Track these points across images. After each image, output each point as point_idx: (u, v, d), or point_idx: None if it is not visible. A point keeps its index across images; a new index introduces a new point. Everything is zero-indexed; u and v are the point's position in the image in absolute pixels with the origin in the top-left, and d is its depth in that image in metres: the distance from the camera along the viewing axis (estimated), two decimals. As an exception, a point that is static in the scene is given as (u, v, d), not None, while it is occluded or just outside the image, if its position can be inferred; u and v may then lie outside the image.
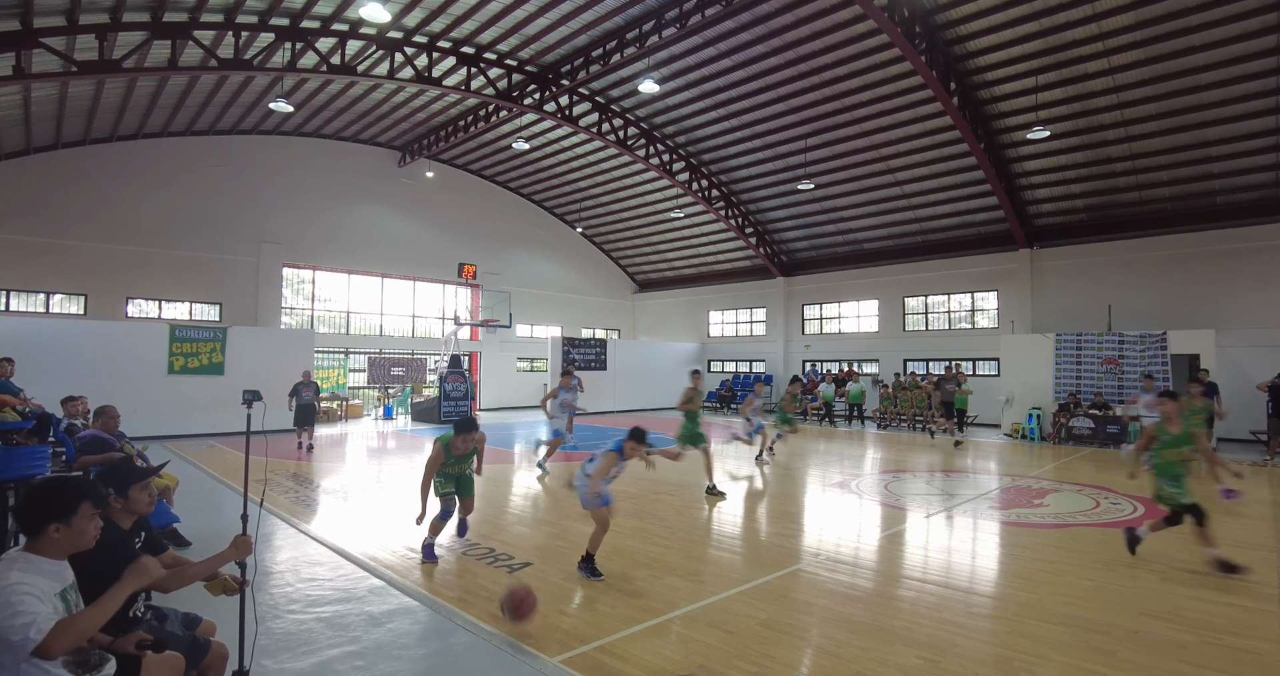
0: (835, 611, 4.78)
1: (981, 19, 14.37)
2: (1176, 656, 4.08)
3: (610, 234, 29.24)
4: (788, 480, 10.55)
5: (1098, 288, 18.35)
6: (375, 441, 15.68)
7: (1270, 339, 15.75)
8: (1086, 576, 5.67)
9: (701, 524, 7.57)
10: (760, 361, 26.68)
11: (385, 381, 22.52)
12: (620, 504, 8.35)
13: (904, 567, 5.97)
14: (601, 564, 5.74)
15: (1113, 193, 17.93)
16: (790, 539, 6.92)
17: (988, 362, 20.24)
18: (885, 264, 22.98)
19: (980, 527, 7.49)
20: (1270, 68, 13.63)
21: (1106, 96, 15.39)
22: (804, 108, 18.36)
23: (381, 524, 7.36)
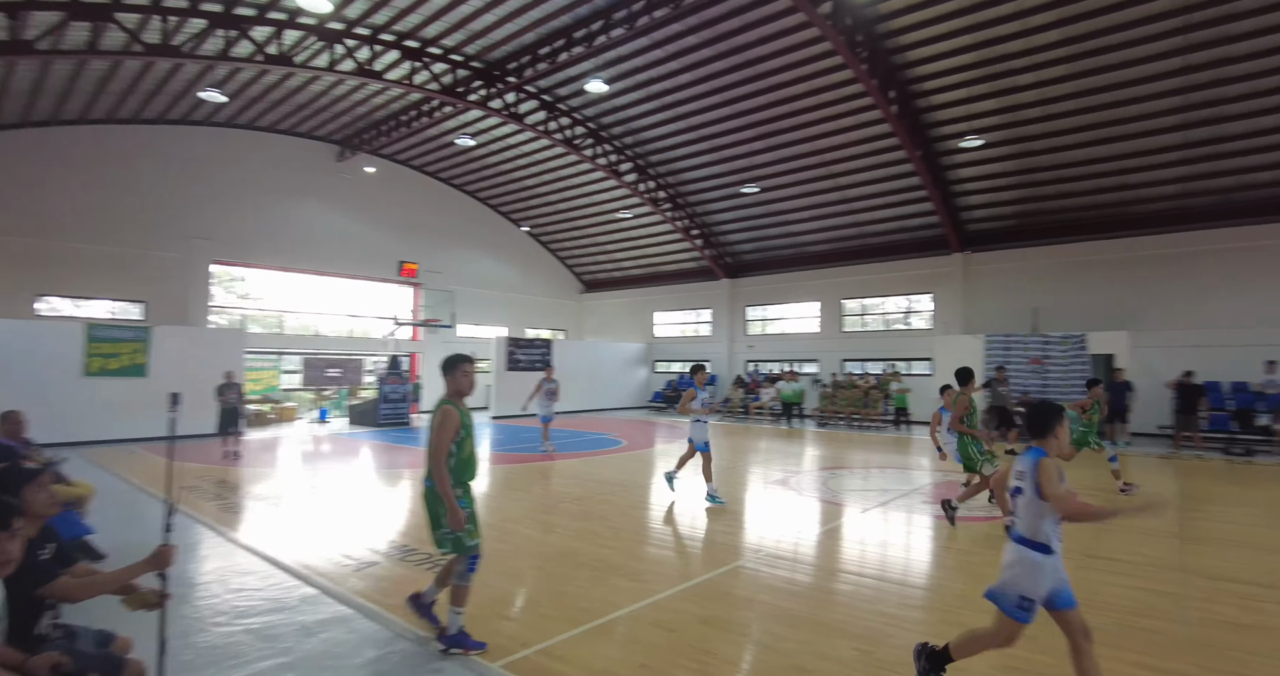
0: (775, 606, 4.87)
1: (920, 31, 14.87)
2: (1096, 640, 4.31)
3: (557, 234, 29.07)
4: (730, 478, 10.69)
5: (1025, 290, 19.24)
6: (310, 445, 15.17)
7: (1177, 340, 16.80)
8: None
9: (646, 524, 7.60)
10: (705, 361, 26.91)
11: (321, 383, 21.84)
12: (566, 506, 8.34)
13: (841, 562, 6.14)
14: (545, 567, 5.72)
15: (1039, 200, 18.82)
16: (732, 536, 7.02)
17: (922, 362, 20.96)
18: (826, 266, 23.55)
19: (914, 521, 7.75)
20: (1177, 87, 14.55)
21: (1034, 108, 16.14)
22: (750, 112, 18.64)
23: (316, 531, 7.13)
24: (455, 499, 4.10)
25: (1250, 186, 16.30)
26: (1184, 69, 14.16)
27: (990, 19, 14.08)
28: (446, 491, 4.07)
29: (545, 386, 13.12)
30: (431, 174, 26.14)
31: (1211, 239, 16.87)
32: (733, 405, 22.29)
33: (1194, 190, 16.89)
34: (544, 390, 13.09)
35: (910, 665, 3.90)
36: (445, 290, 24.35)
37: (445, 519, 4.09)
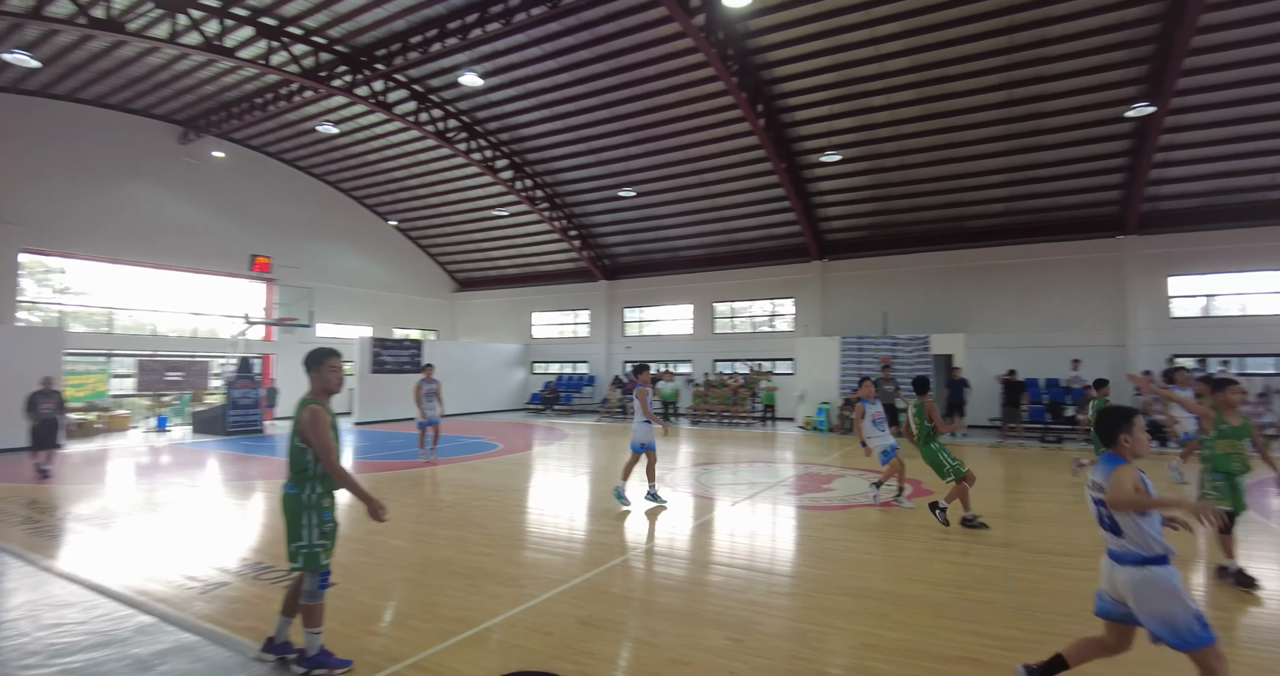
0: (652, 602, 4.98)
1: (785, 49, 15.73)
2: (935, 612, 4.77)
3: (428, 229, 28.02)
4: (608, 478, 10.78)
5: (876, 296, 20.87)
6: (145, 457, 13.67)
7: (1004, 341, 18.91)
8: (866, 550, 6.43)
9: (523, 529, 7.51)
10: (584, 362, 27.02)
11: (159, 388, 19.71)
12: (439, 513, 8.06)
13: (713, 554, 6.37)
14: (415, 578, 5.51)
15: (890, 213, 20.50)
16: (609, 535, 7.09)
17: (785, 362, 22.17)
18: (699, 270, 24.35)
19: (778, 512, 8.19)
20: (1003, 118, 16.39)
21: (886, 128, 17.56)
22: (627, 117, 18.90)
23: (153, 552, 6.44)
24: (325, 510, 3.88)
25: (1060, 207, 18.67)
26: (1008, 102, 15.98)
27: (848, 43, 15.17)
28: (355, 486, 3.84)
29: (425, 388, 12.38)
30: (290, 162, 24.37)
31: (1030, 252, 19.14)
32: (611, 405, 22.48)
33: (1016, 209, 19.10)
34: (424, 392, 12.34)
35: (775, 648, 4.13)
36: (303, 287, 22.76)
37: (305, 530, 3.83)
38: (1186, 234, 17.54)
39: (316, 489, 3.88)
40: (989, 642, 4.22)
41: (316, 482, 3.88)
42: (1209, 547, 6.51)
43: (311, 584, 3.89)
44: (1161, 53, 13.77)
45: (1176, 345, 17.40)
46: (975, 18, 14.02)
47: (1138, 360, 17.44)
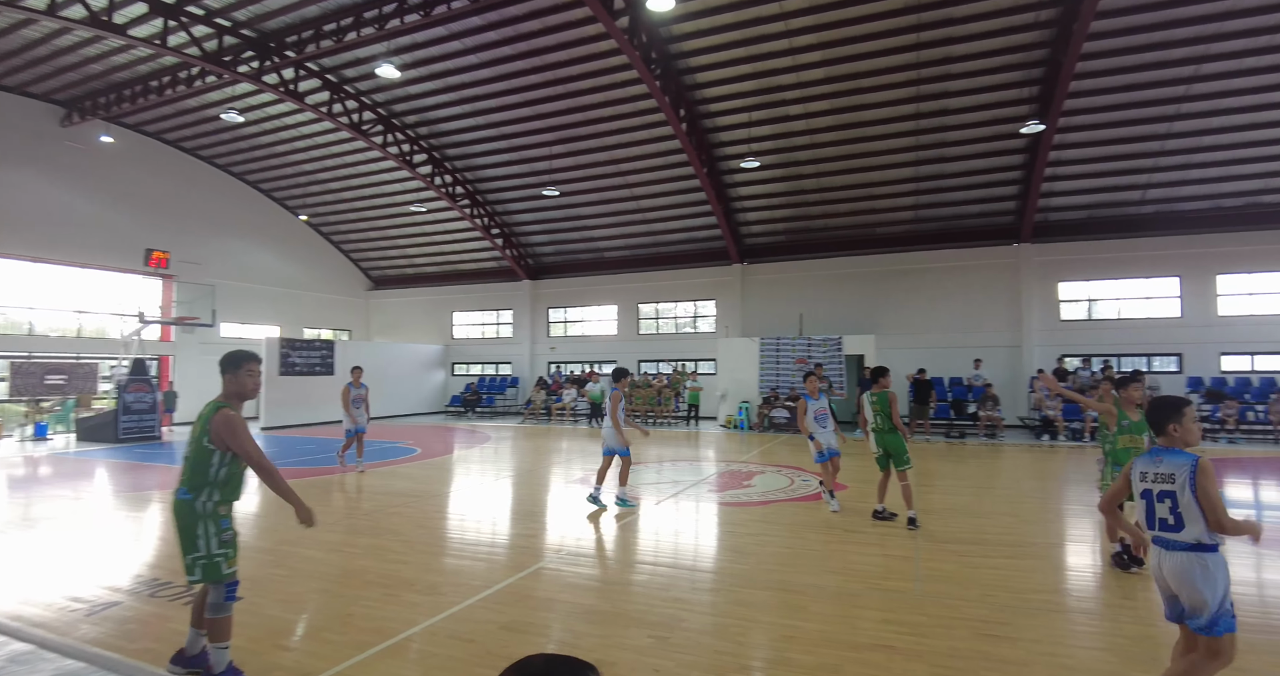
0: (576, 604, 4.96)
1: (707, 55, 16.02)
2: (850, 602, 4.97)
3: (342, 225, 26.92)
4: (532, 480, 10.68)
5: (793, 298, 21.55)
6: (20, 468, 12.52)
7: (912, 342, 19.90)
8: (785, 544, 6.63)
9: (443, 535, 7.33)
10: (507, 363, 26.62)
11: (38, 392, 18.07)
12: (354, 521, 7.77)
13: (638, 554, 6.42)
14: (329, 590, 5.30)
15: (806, 219, 21.21)
16: (533, 538, 7.02)
17: (707, 363, 22.57)
18: (624, 272, 24.45)
19: (701, 510, 8.33)
20: (911, 130, 17.27)
21: (802, 137, 18.16)
22: (550, 116, 18.76)
23: (29, 573, 5.90)
24: (223, 518, 3.67)
25: (963, 216, 19.84)
26: (916, 115, 16.84)
27: (767, 52, 15.60)
28: (288, 490, 3.69)
29: (353, 393, 11.47)
30: (190, 151, 22.88)
31: (936, 258, 20.23)
32: (535, 407, 22.23)
33: (923, 217, 20.16)
34: (352, 397, 11.45)
35: (698, 643, 4.20)
36: (205, 284, 21.41)
37: (201, 540, 3.60)
38: (1073, 243, 18.99)
39: (214, 496, 3.67)
40: (900, 629, 4.44)
41: (215, 489, 3.67)
42: (1100, 536, 7.07)
43: (217, 595, 3.67)
44: (1050, 76, 14.85)
45: (1065, 346, 18.80)
46: (886, 33, 14.71)
47: (1032, 360, 18.73)
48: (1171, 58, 14.51)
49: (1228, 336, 17.64)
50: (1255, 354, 17.44)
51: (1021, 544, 6.66)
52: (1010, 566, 5.88)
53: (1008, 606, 4.86)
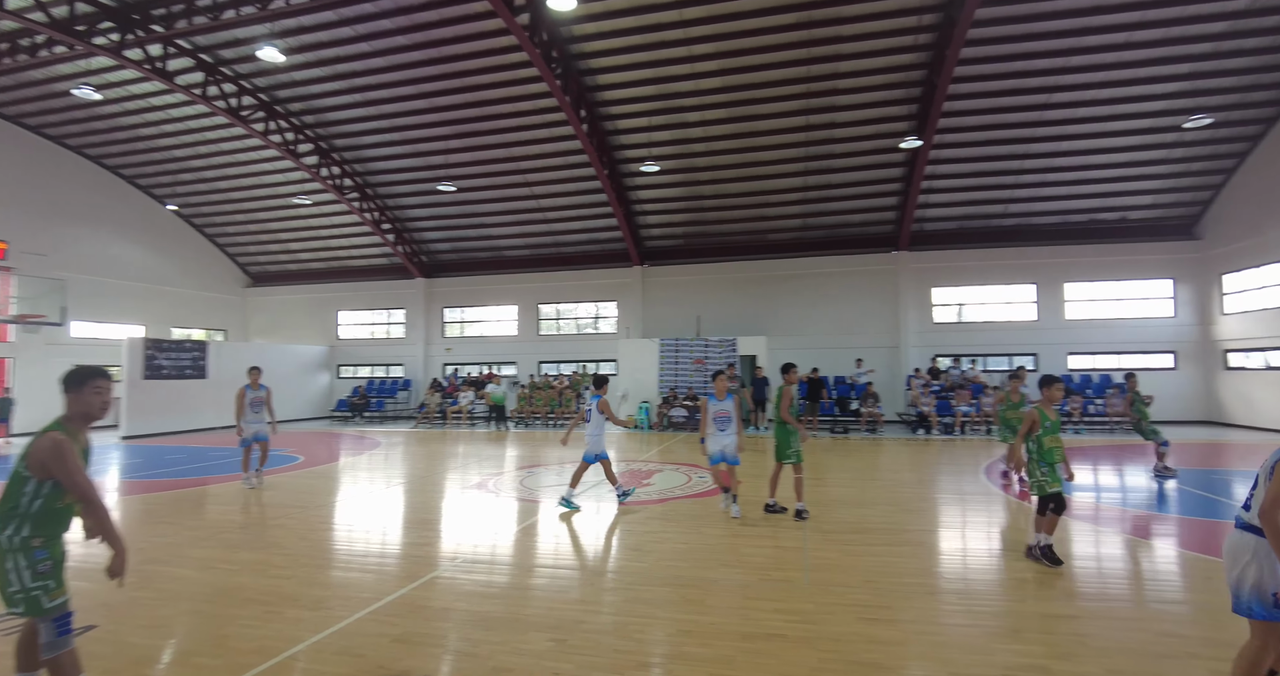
0: (472, 612, 4.85)
1: (609, 57, 16.10)
2: (742, 594, 5.15)
3: (217, 217, 24.99)
4: (426, 487, 10.34)
5: (691, 300, 22.04)
6: None
7: (801, 343, 20.83)
8: (682, 540, 6.77)
9: (329, 547, 6.96)
10: (398, 365, 25.58)
11: None
12: (229, 536, 7.25)
13: (537, 557, 6.36)
14: (201, 610, 4.91)
15: (703, 224, 21.75)
16: (426, 547, 6.80)
17: (608, 364, 22.68)
18: (524, 271, 24.13)
19: (601, 510, 8.36)
20: (800, 141, 18.10)
21: (700, 144, 18.61)
22: (447, 109, 18.25)
23: None
24: (35, 550, 3.16)
25: (848, 225, 21.00)
26: (805, 127, 17.67)
27: (667, 59, 15.88)
28: (111, 529, 3.25)
29: (250, 395, 10.39)
30: (35, 130, 20.54)
31: (822, 264, 21.31)
32: (429, 411, 21.49)
33: (811, 225, 21.17)
34: (249, 401, 10.35)
35: (597, 644, 4.22)
36: (52, 278, 19.28)
37: (13, 574, 3.10)
38: (945, 251, 20.55)
39: (22, 531, 3.15)
40: (790, 618, 4.64)
41: (25, 523, 3.15)
42: (1026, 529, 7.66)
43: (49, 633, 3.18)
44: (926, 96, 15.99)
45: (938, 346, 20.31)
46: (778, 47, 15.36)
47: (908, 360, 20.08)
48: (1028, 86, 16.02)
49: (1074, 338, 19.67)
50: (1095, 353, 19.56)
51: (900, 531, 7.13)
52: (890, 553, 6.29)
53: (888, 590, 5.20)
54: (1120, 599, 5.02)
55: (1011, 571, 5.78)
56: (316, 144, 20.17)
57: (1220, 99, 15.90)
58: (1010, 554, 6.30)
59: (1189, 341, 19.10)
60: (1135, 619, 4.61)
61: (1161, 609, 4.81)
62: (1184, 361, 19.06)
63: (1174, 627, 4.45)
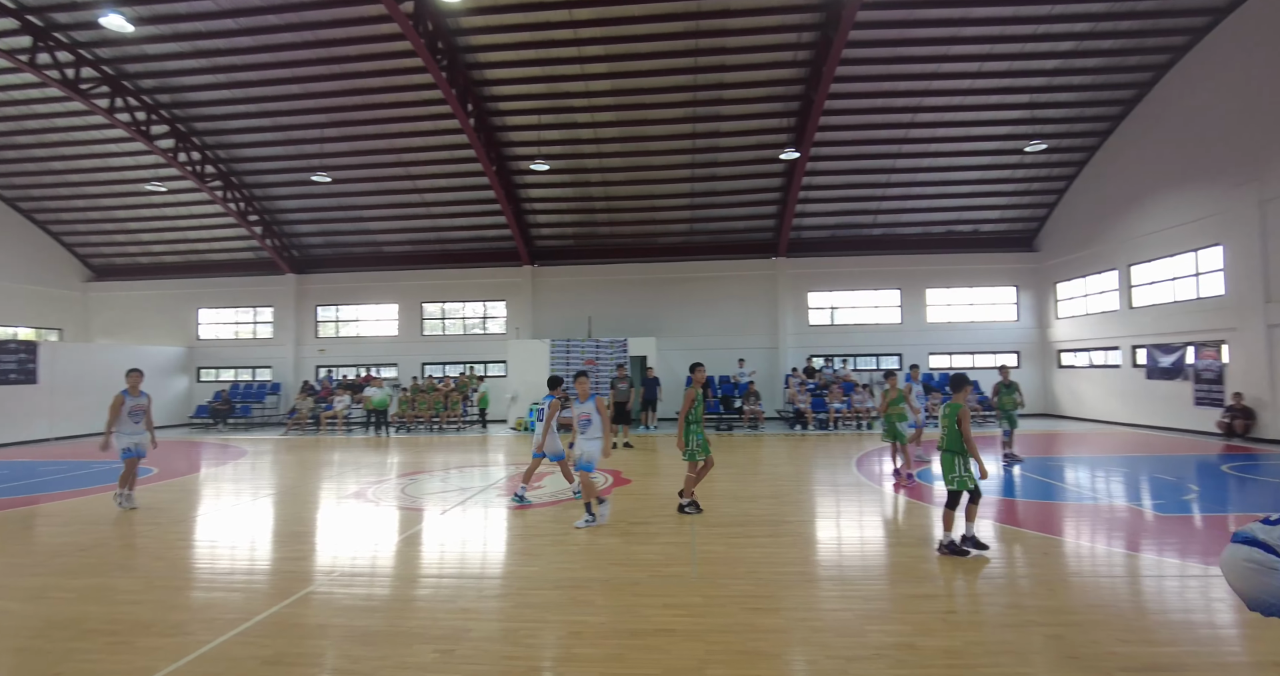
0: (351, 627, 4.62)
1: (498, 52, 15.81)
2: (633, 592, 5.21)
3: (51, 203, 22.26)
4: (297, 499, 9.71)
5: (582, 301, 22.05)
6: None
7: (688, 344, 21.41)
8: (574, 542, 6.76)
9: (189, 566, 6.38)
10: (266, 367, 23.83)
11: None
12: (65, 560, 6.51)
13: (421, 567, 6.14)
14: (31, 646, 4.38)
15: (593, 225, 21.83)
16: (300, 561, 6.39)
17: (498, 365, 22.25)
18: (406, 268, 23.20)
19: (490, 515, 8.19)
20: (687, 148, 18.59)
21: (589, 145, 18.66)
22: (323, 95, 17.24)
23: None
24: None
25: (732, 231, 21.78)
26: (692, 135, 18.16)
27: (557, 58, 15.82)
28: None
29: (129, 403, 8.94)
30: None
31: (708, 268, 21.99)
32: (301, 416, 20.14)
33: (698, 230, 21.78)
34: (128, 409, 8.92)
35: (486, 652, 4.14)
36: None
37: None
38: (820, 258, 21.78)
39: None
40: (679, 612, 4.76)
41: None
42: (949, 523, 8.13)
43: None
44: (804, 110, 16.87)
45: (813, 347, 21.48)
46: (666, 54, 15.69)
47: (786, 360, 21.11)
48: (895, 106, 17.29)
49: (934, 339, 21.43)
50: (953, 353, 21.41)
51: (781, 523, 7.48)
52: (772, 544, 6.59)
53: (770, 581, 5.44)
54: (972, 577, 5.53)
55: (881, 556, 6.22)
56: (173, 126, 18.45)
57: (1054, 127, 17.87)
58: (879, 540, 6.77)
59: (1030, 342, 21.34)
60: (986, 594, 5.09)
61: (1007, 583, 5.34)
62: (1026, 360, 21.26)
63: (1017, 599, 4.95)
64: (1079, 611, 4.65)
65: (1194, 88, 15.49)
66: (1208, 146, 15.04)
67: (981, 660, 3.90)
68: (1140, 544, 6.51)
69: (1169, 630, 4.34)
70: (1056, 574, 5.56)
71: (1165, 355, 16.36)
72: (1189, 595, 5.05)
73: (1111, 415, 18.17)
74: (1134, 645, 4.09)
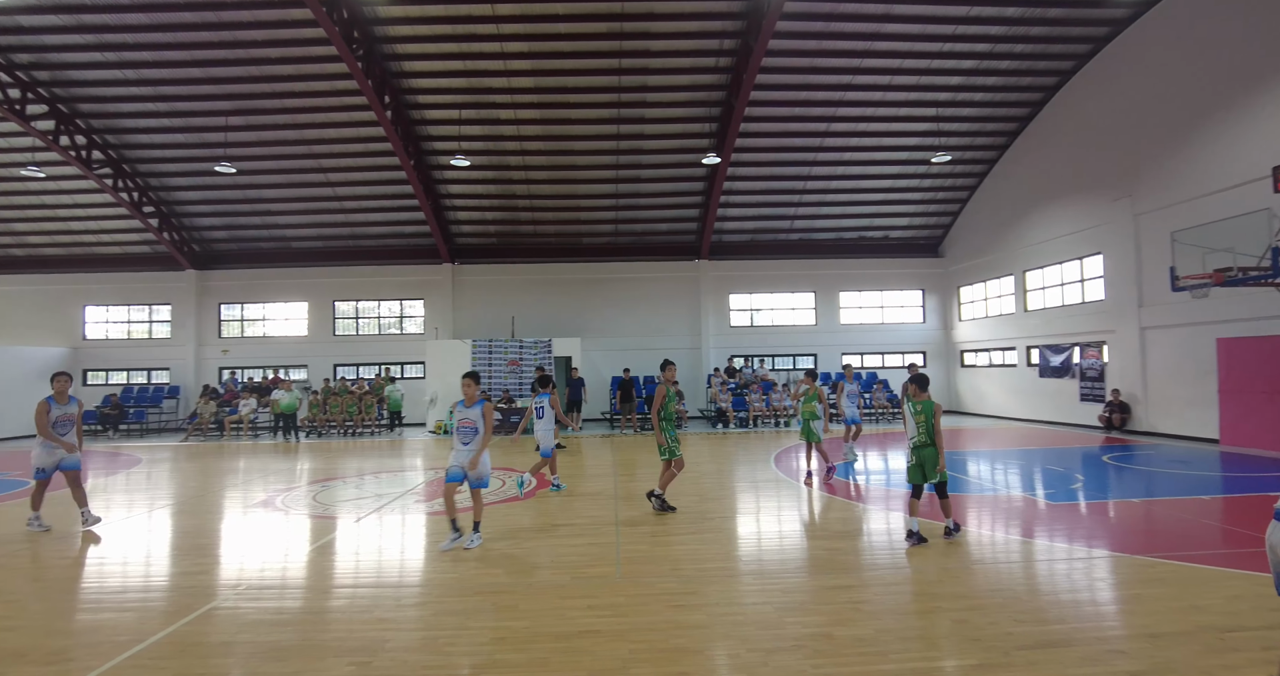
0: (260, 643, 4.38)
1: (418, 44, 15.37)
2: (557, 594, 5.18)
3: (-99, 187, 20.03)
4: (199, 509, 9.12)
5: (505, 301, 21.72)
6: None
7: (613, 344, 21.47)
8: (496, 546, 6.64)
9: (72, 586, 5.88)
10: (163, 370, 22.25)
11: None
12: (-80, 580, 5.86)
13: (335, 577, 5.89)
14: (-118, 676, 3.96)
15: (516, 224, 21.54)
16: (201, 576, 6.00)
17: (415, 366, 21.61)
18: (317, 265, 22.19)
19: (408, 522, 7.94)
20: (612, 149, 18.63)
21: (512, 142, 18.41)
22: (227, 81, 16.29)
23: None
24: None
25: (656, 233, 21.98)
26: (616, 136, 18.22)
27: (479, 52, 15.53)
28: None
29: (55, 412, 7.75)
30: None
31: (632, 269, 22.12)
32: (202, 421, 18.90)
33: (622, 231, 21.86)
34: (55, 418, 7.75)
35: (404, 662, 4.01)
36: None
37: None
38: (740, 261, 22.29)
39: None
40: (604, 613, 4.76)
41: None
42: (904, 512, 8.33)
43: None
44: (725, 116, 17.21)
45: (734, 347, 21.96)
46: (591, 55, 15.68)
47: (708, 360, 21.49)
48: (811, 115, 17.90)
49: (847, 340, 22.32)
50: (863, 353, 22.36)
51: (703, 519, 7.61)
52: (695, 540, 6.69)
53: (693, 577, 5.53)
54: (884, 567, 5.79)
55: (798, 550, 6.43)
56: (54, 106, 16.97)
57: (957, 140, 18.96)
58: (797, 534, 7.00)
59: (936, 343, 22.56)
60: (895, 583, 5.35)
61: (914, 572, 5.62)
62: (932, 360, 22.44)
63: (925, 587, 5.22)
64: (980, 596, 4.96)
65: (1079, 109, 16.79)
66: (1090, 163, 16.33)
67: (893, 647, 4.09)
68: (1034, 530, 6.99)
69: (1059, 609, 4.68)
70: (960, 562, 5.90)
71: (1055, 355, 17.64)
72: (1075, 576, 5.47)
73: (1009, 411, 19.46)
74: (1029, 624, 4.39)
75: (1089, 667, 3.76)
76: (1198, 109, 13.41)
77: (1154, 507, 7.98)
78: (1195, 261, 11.78)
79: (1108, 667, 3.73)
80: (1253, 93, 12.34)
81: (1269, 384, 11.91)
